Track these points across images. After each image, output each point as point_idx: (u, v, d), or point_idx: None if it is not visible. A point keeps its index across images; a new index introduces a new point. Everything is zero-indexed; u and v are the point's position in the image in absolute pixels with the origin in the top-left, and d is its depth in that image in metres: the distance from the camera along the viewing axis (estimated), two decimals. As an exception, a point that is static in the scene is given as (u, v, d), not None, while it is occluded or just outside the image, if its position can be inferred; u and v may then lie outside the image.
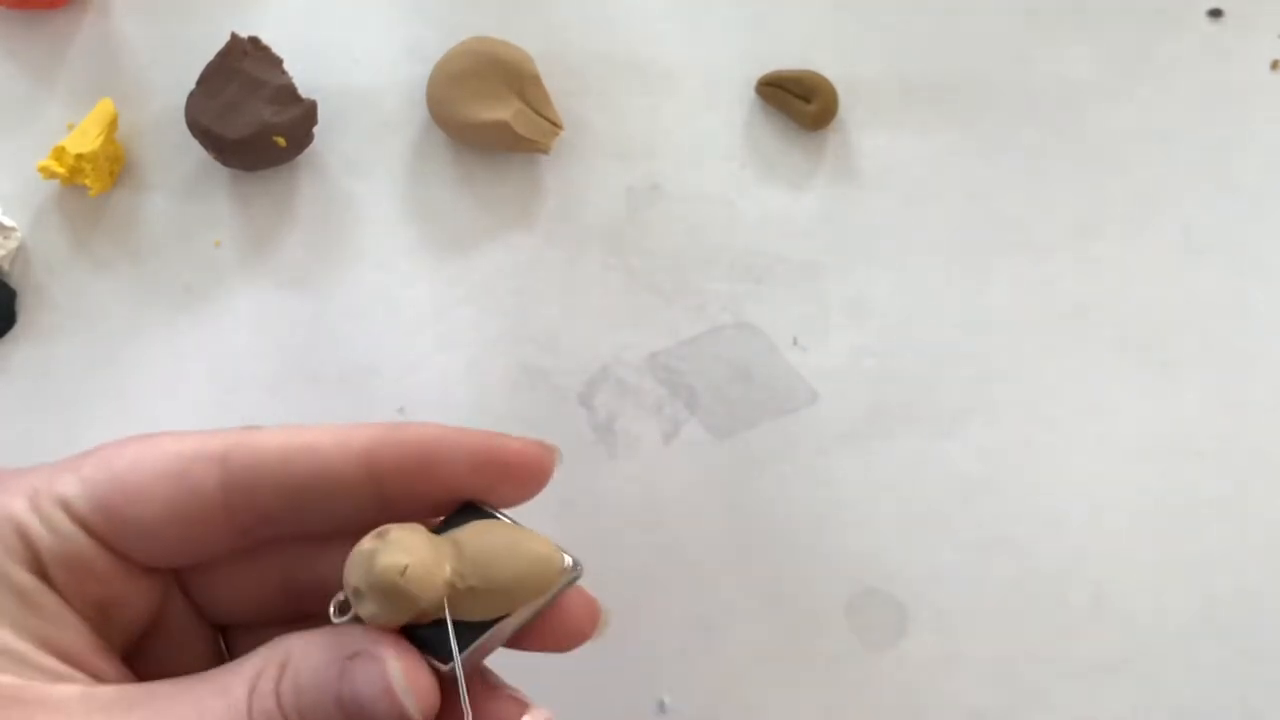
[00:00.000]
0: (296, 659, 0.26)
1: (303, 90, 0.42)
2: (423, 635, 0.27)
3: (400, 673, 0.26)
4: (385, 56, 0.44)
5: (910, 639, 0.41)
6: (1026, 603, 0.41)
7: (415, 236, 0.43)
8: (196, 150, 0.42)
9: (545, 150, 0.43)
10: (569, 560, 0.28)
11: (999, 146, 0.44)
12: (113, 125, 0.42)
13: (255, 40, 0.42)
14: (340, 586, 0.27)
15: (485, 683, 0.29)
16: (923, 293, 0.43)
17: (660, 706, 0.41)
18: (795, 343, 0.43)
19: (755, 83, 0.44)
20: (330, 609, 0.27)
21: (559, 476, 0.30)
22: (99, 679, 0.27)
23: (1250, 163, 0.43)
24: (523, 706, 0.27)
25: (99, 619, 0.28)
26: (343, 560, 0.27)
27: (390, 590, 0.26)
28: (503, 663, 0.29)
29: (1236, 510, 0.42)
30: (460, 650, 0.27)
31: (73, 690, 0.26)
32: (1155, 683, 0.41)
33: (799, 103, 0.43)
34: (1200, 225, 0.43)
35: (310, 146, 0.42)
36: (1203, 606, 0.41)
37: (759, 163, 0.43)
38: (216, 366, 0.42)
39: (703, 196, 0.43)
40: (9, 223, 0.42)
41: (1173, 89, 0.44)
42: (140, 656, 0.30)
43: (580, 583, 0.28)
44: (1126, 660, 0.41)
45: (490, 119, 0.42)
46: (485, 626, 0.27)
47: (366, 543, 0.27)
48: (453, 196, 0.43)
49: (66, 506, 0.28)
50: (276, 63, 0.42)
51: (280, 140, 0.41)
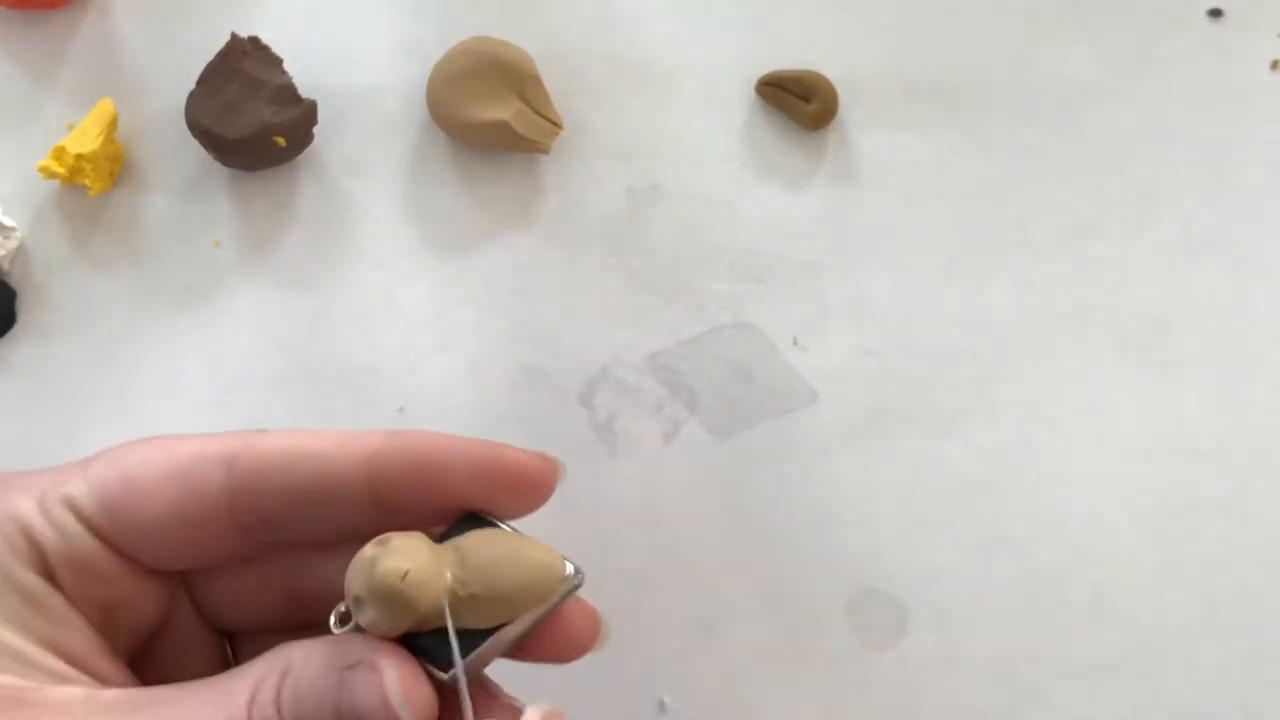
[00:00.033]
0: (297, 668, 0.26)
1: (303, 90, 0.42)
2: (422, 644, 0.27)
3: (397, 682, 0.26)
4: (385, 56, 0.44)
5: (910, 639, 0.41)
6: (1026, 603, 0.41)
7: (415, 236, 0.43)
8: (196, 150, 0.42)
9: (545, 150, 0.43)
10: (570, 568, 0.28)
11: (999, 146, 0.44)
12: (113, 125, 0.42)
13: (255, 40, 0.42)
14: (343, 596, 0.27)
15: (485, 691, 0.29)
16: (923, 293, 0.43)
17: (660, 706, 0.41)
18: (795, 343, 0.43)
19: (755, 83, 0.44)
20: (330, 620, 0.27)
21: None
22: (103, 682, 0.27)
23: (1250, 163, 0.43)
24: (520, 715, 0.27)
25: (104, 621, 0.28)
26: (347, 568, 0.27)
27: (391, 595, 0.26)
28: (503, 667, 0.29)
29: (1236, 510, 0.42)
30: (461, 658, 0.26)
31: (76, 693, 0.26)
32: (1155, 683, 0.41)
33: (799, 103, 0.43)
34: (1200, 225, 0.43)
35: (310, 146, 0.42)
36: (1203, 606, 0.41)
37: (759, 163, 0.43)
38: (216, 366, 0.42)
39: (703, 196, 0.43)
40: (9, 223, 0.42)
41: (1173, 89, 0.44)
42: (146, 661, 0.30)
43: (581, 589, 0.28)
44: (1126, 660, 0.41)
45: (490, 119, 0.42)
46: (486, 634, 0.27)
47: (368, 550, 0.27)
48: (453, 196, 0.43)
49: (73, 507, 0.28)
50: (276, 63, 0.42)
51: (280, 140, 0.41)
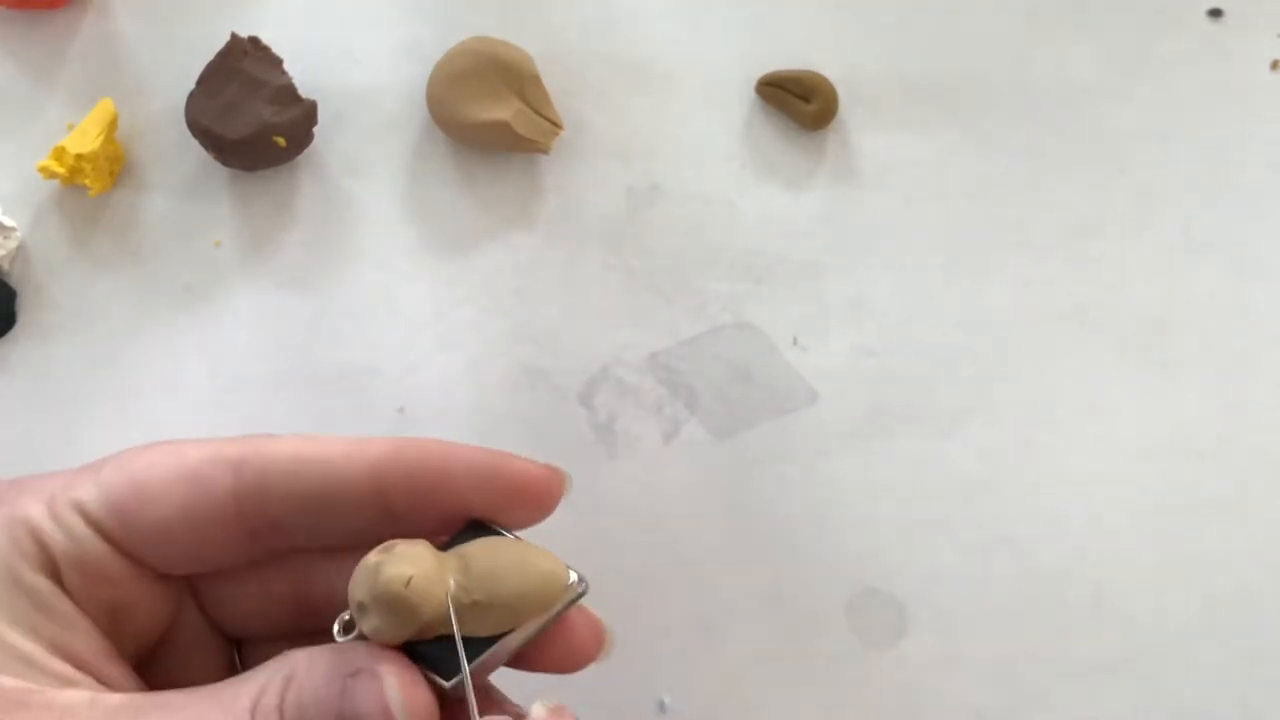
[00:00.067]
0: (300, 675, 0.26)
1: (303, 90, 0.42)
2: (424, 651, 0.27)
3: (398, 689, 0.26)
4: (385, 56, 0.44)
5: (910, 639, 0.41)
6: (1026, 603, 0.41)
7: (415, 236, 0.43)
8: (196, 150, 0.42)
9: (545, 150, 0.43)
10: (574, 577, 0.28)
11: (999, 146, 0.44)
12: (113, 125, 0.42)
13: (255, 40, 0.42)
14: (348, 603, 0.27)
15: (488, 698, 0.29)
16: (923, 293, 0.43)
17: (660, 706, 0.41)
18: (795, 343, 0.43)
19: (755, 83, 0.44)
20: (334, 628, 0.27)
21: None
22: (109, 685, 0.27)
23: (1250, 163, 0.43)
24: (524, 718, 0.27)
25: (111, 625, 0.28)
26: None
27: (394, 601, 0.26)
28: (503, 674, 0.29)
29: (1236, 510, 0.42)
30: (462, 666, 0.26)
31: (81, 696, 0.26)
32: (1155, 683, 0.41)
33: (799, 103, 0.43)
34: (1200, 225, 0.43)
35: (310, 146, 0.42)
36: (1203, 606, 0.41)
37: (759, 163, 0.43)
38: (216, 366, 0.42)
39: (703, 196, 0.43)
40: (9, 223, 0.42)
41: (1173, 89, 0.44)
42: (153, 666, 0.30)
43: (584, 595, 0.28)
44: (1126, 660, 0.41)
45: (490, 119, 0.42)
46: (489, 642, 0.27)
47: (372, 556, 0.27)
48: (453, 196, 0.43)
49: (82, 510, 0.28)
50: (276, 63, 0.42)
51: (280, 140, 0.41)
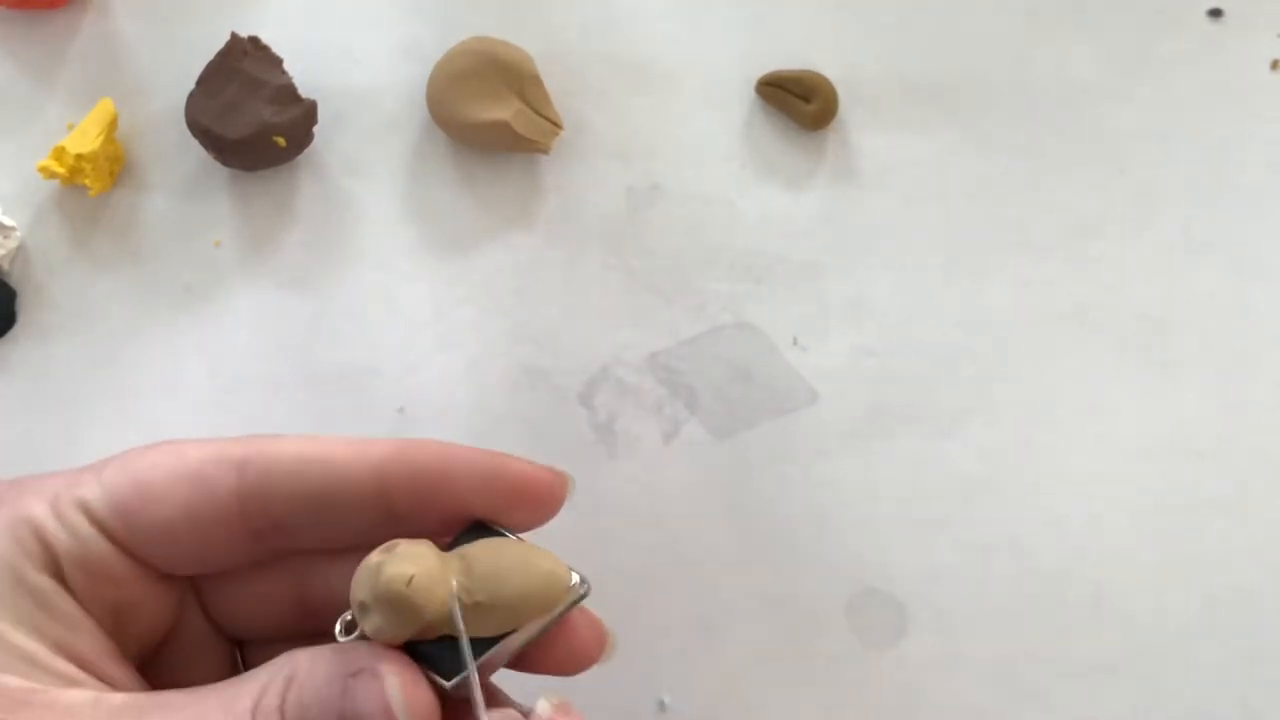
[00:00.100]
0: (302, 675, 0.26)
1: (303, 90, 0.42)
2: (426, 651, 0.27)
3: (399, 689, 0.26)
4: (385, 56, 0.44)
5: (910, 639, 0.41)
6: (1026, 603, 0.41)
7: (415, 236, 0.43)
8: (196, 150, 0.42)
9: (545, 150, 0.43)
10: (576, 578, 0.28)
11: (999, 146, 0.44)
12: (113, 125, 0.42)
13: (255, 40, 0.42)
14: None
15: (490, 698, 0.29)
16: (923, 293, 0.43)
17: (660, 706, 0.41)
18: (795, 343, 0.43)
19: (755, 83, 0.44)
20: (336, 628, 0.27)
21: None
22: (112, 685, 0.27)
23: (1250, 163, 0.43)
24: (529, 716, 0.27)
25: (115, 625, 0.28)
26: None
27: (396, 600, 0.26)
28: (504, 675, 0.29)
29: (1236, 510, 0.42)
30: (464, 664, 0.26)
31: (83, 696, 0.26)
32: (1155, 683, 0.41)
33: (799, 103, 0.43)
34: (1200, 225, 0.43)
35: (310, 146, 0.42)
36: (1203, 606, 0.41)
37: (759, 163, 0.43)
38: (216, 366, 0.42)
39: (703, 196, 0.43)
40: (9, 223, 0.42)
41: (1173, 89, 0.44)
42: (155, 666, 0.30)
43: (586, 596, 0.28)
44: (1126, 660, 0.41)
45: (490, 119, 0.42)
46: (491, 642, 0.27)
47: (374, 556, 0.27)
48: (453, 196, 0.43)
49: (86, 510, 0.28)
50: (276, 63, 0.42)
51: (280, 140, 0.41)
